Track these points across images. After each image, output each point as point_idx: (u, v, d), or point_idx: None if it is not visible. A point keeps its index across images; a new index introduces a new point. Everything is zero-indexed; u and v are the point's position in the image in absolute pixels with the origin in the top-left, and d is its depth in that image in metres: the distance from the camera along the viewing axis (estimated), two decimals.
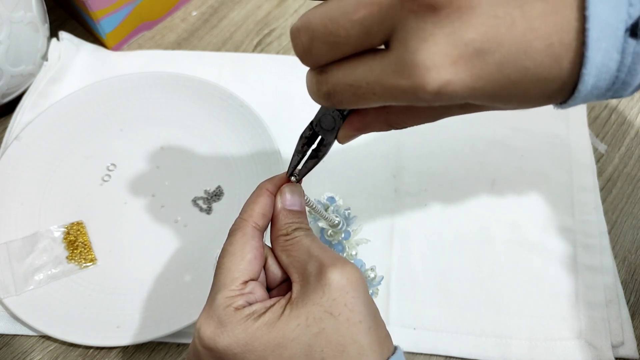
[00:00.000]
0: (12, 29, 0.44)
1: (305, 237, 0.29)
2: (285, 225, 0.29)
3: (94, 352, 0.40)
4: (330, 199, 0.44)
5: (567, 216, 0.45)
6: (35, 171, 0.46)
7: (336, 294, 0.25)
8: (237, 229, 0.29)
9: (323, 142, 0.29)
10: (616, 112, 0.51)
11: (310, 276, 0.27)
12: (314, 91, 0.24)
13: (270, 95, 0.52)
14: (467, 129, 0.49)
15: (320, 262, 0.26)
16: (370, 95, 0.22)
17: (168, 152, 0.48)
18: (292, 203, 0.30)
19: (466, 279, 0.42)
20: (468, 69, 0.19)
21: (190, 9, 0.59)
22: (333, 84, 0.22)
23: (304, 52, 0.22)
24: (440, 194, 0.46)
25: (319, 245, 0.28)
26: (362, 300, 0.26)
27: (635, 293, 0.42)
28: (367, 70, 0.21)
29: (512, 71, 0.19)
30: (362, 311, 0.25)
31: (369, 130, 0.28)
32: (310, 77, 0.24)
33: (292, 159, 0.30)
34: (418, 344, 0.40)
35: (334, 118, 0.28)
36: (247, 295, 0.27)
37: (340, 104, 0.23)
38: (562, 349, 0.39)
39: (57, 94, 0.51)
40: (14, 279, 0.41)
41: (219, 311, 0.26)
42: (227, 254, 0.28)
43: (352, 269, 0.26)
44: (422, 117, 0.27)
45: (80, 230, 0.44)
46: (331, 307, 0.25)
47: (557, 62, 0.19)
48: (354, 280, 0.26)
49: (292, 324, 0.25)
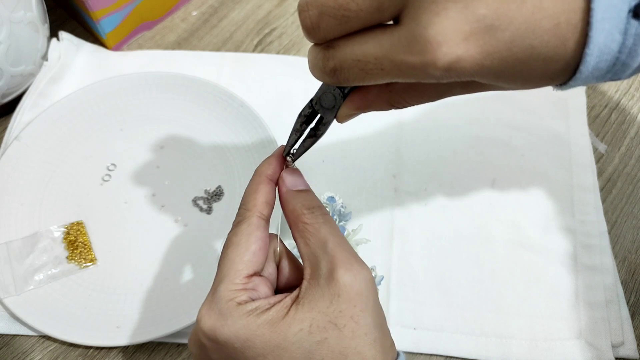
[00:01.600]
0: (12, 29, 0.44)
1: (324, 225, 0.27)
2: (298, 205, 0.28)
3: (94, 352, 0.40)
4: (330, 198, 0.44)
5: (567, 216, 0.45)
6: (35, 171, 0.46)
7: (344, 306, 0.25)
8: (243, 220, 0.28)
9: (322, 121, 0.29)
10: (616, 111, 0.51)
11: (320, 276, 0.26)
12: (318, 67, 0.23)
13: (270, 95, 0.52)
14: (468, 128, 0.49)
15: (333, 261, 0.26)
16: (378, 71, 0.21)
17: (168, 152, 0.48)
18: (295, 184, 0.29)
19: (466, 279, 0.42)
20: (479, 46, 0.19)
21: (190, 9, 0.59)
22: (340, 60, 0.22)
23: (311, 27, 0.22)
24: (441, 193, 0.46)
25: (336, 238, 0.27)
26: (370, 312, 0.25)
27: (635, 293, 0.42)
28: (376, 45, 0.21)
29: (520, 50, 0.19)
30: (368, 324, 0.25)
31: (370, 109, 0.27)
32: (315, 53, 0.23)
33: (290, 138, 0.30)
34: (418, 344, 0.40)
35: (335, 96, 0.27)
36: (250, 291, 0.26)
37: (345, 80, 0.23)
38: (562, 349, 0.39)
39: (57, 94, 0.51)
40: (14, 279, 0.41)
41: (221, 304, 0.26)
42: (232, 244, 0.27)
43: (365, 274, 0.26)
44: (424, 96, 0.26)
45: (80, 230, 0.44)
46: (337, 318, 0.24)
47: (563, 42, 0.19)
48: (364, 288, 0.25)
49: (294, 328, 0.25)
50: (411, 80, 0.21)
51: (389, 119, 0.50)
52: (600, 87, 0.52)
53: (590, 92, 0.52)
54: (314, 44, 0.23)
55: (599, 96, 0.52)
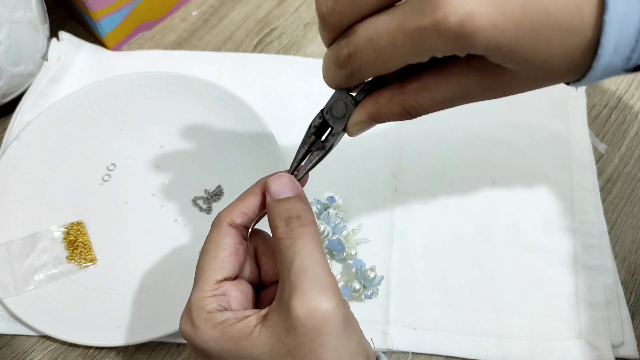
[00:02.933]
0: (12, 29, 0.44)
1: (296, 241, 0.25)
2: (275, 215, 0.27)
3: (94, 352, 0.40)
4: (330, 198, 0.44)
5: (567, 216, 0.45)
6: (35, 171, 0.46)
7: (300, 339, 0.23)
8: (213, 225, 0.29)
9: (332, 132, 0.28)
10: (616, 111, 0.51)
11: (283, 300, 0.24)
12: (333, 61, 0.24)
13: (270, 95, 0.52)
14: (468, 128, 0.49)
15: (292, 288, 0.24)
16: (391, 47, 0.21)
17: (168, 152, 0.48)
18: (279, 191, 0.28)
19: (466, 279, 0.42)
20: (492, 1, 0.19)
21: (190, 9, 0.59)
22: (354, 44, 0.22)
23: (327, 12, 0.22)
24: (441, 193, 0.46)
25: (304, 260, 0.25)
26: (330, 347, 0.23)
27: (635, 293, 0.42)
28: (388, 18, 0.21)
29: (535, 12, 0.19)
30: (330, 358, 0.23)
31: (381, 117, 0.26)
32: (330, 51, 0.24)
33: (298, 152, 0.29)
34: (418, 344, 0.40)
35: (347, 104, 0.26)
36: (219, 297, 0.26)
37: (358, 69, 0.23)
38: (562, 349, 0.39)
39: (57, 94, 0.51)
40: (14, 279, 0.41)
41: (193, 313, 0.26)
42: (202, 251, 0.28)
43: (324, 307, 0.23)
44: (437, 96, 0.24)
45: (80, 230, 0.44)
46: (295, 350, 0.23)
47: (579, 9, 0.18)
48: (321, 323, 0.23)
49: (258, 349, 0.24)
50: (422, 56, 0.21)
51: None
52: (600, 87, 0.52)
53: (590, 91, 0.52)
54: (328, 49, 0.24)
55: (599, 96, 0.52)
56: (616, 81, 0.53)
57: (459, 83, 0.24)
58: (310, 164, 0.29)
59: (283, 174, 0.29)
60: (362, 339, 0.26)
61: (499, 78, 0.22)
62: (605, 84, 0.53)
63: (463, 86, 0.24)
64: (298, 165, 0.29)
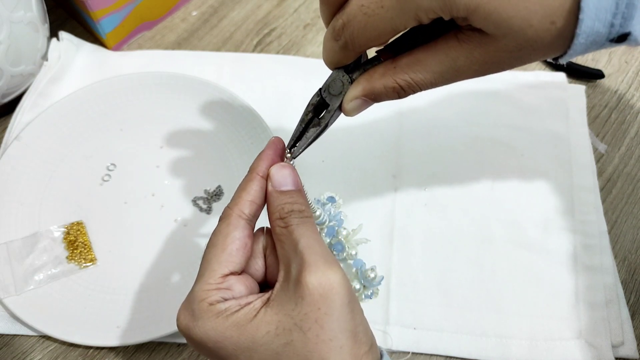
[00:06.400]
0: (12, 29, 0.44)
1: (298, 227, 0.27)
2: (277, 207, 0.28)
3: (94, 352, 0.40)
4: (330, 198, 0.44)
5: (567, 216, 0.45)
6: (35, 171, 0.46)
7: (308, 309, 0.24)
8: (222, 219, 0.28)
9: (328, 109, 0.29)
10: (616, 111, 0.51)
11: (291, 278, 0.25)
12: (329, 33, 0.25)
13: (270, 95, 0.52)
14: (468, 128, 0.49)
15: (301, 263, 0.25)
16: (379, 10, 0.23)
17: (168, 152, 0.48)
18: (281, 183, 0.28)
19: (466, 279, 0.42)
20: None
21: (190, 9, 0.59)
22: (347, 12, 0.24)
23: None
24: (440, 193, 0.46)
25: (308, 240, 0.26)
26: (335, 317, 0.24)
27: (635, 293, 0.42)
28: None
29: None
30: (333, 329, 0.24)
31: (376, 92, 0.27)
32: (328, 29, 0.25)
33: (296, 129, 0.30)
34: (418, 344, 0.40)
35: (343, 82, 0.28)
36: (223, 290, 0.26)
37: (351, 36, 0.24)
38: (562, 349, 0.39)
39: (57, 94, 0.51)
40: (14, 279, 0.41)
41: (194, 304, 0.26)
42: (210, 244, 0.28)
43: (332, 277, 0.25)
44: (428, 70, 0.26)
45: (80, 230, 0.44)
46: (302, 322, 0.24)
47: None
48: (328, 291, 0.24)
49: (262, 330, 0.25)
50: (408, 17, 0.22)
51: (389, 119, 0.50)
52: (600, 87, 0.53)
53: (590, 92, 0.52)
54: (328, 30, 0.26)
55: (599, 96, 0.52)
56: (616, 81, 0.53)
57: (448, 56, 0.25)
58: (307, 141, 0.30)
59: (286, 165, 0.29)
60: (366, 325, 0.27)
61: (485, 49, 0.23)
62: (605, 84, 0.53)
63: (452, 59, 0.25)
64: (296, 142, 0.30)
